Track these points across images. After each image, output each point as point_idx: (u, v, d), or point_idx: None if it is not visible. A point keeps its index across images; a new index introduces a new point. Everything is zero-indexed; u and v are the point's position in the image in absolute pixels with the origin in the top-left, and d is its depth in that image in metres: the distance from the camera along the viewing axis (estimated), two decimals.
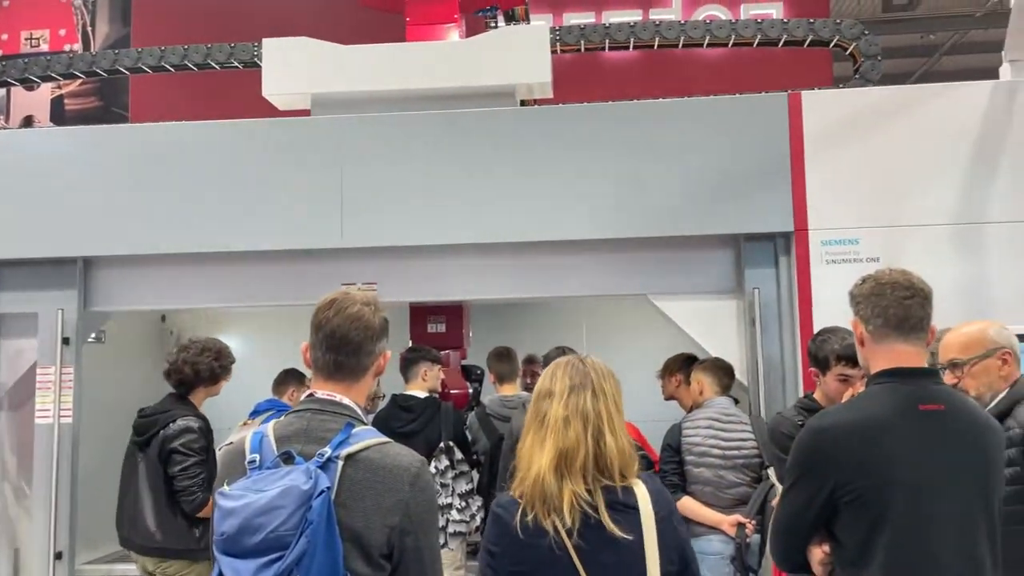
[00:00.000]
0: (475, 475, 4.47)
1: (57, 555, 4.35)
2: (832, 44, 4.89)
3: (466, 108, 4.49)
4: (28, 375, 4.60)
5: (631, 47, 4.98)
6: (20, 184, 4.57)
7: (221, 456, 2.11)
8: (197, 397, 3.96)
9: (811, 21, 4.85)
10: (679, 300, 4.42)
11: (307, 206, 4.43)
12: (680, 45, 4.96)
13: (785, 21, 4.93)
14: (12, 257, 4.58)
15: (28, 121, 11.39)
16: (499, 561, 2.03)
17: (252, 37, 5.33)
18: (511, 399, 4.53)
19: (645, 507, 1.99)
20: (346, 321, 1.99)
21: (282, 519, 1.74)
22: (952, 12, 14.56)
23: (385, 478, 1.85)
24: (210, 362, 3.92)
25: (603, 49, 5.12)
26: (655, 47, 4.95)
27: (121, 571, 4.52)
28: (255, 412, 4.00)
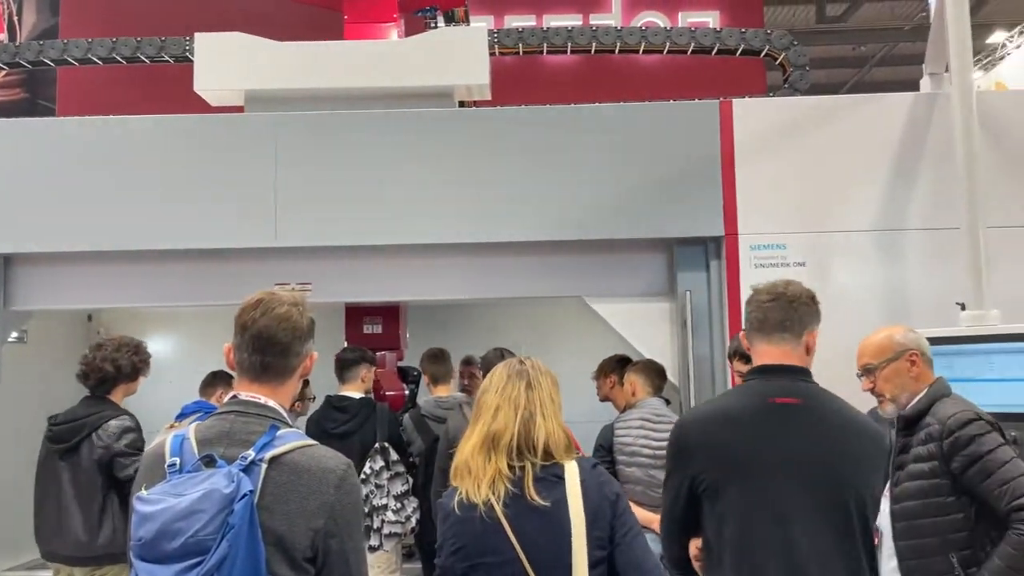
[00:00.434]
0: (410, 477, 4.45)
1: None
2: (763, 54, 5.02)
3: (404, 108, 4.48)
4: None
5: (568, 51, 5.03)
6: None
7: (141, 460, 2.06)
8: (117, 396, 3.83)
9: (743, 31, 4.98)
10: (614, 302, 4.50)
11: (240, 205, 4.36)
12: (616, 51, 5.04)
13: (718, 30, 5.06)
14: None
15: None
16: (445, 542, 2.13)
17: (186, 31, 5.22)
18: (446, 400, 4.53)
19: (572, 477, 2.09)
20: (273, 322, 1.97)
21: (202, 523, 1.70)
22: (882, 25, 15.10)
23: (310, 481, 1.84)
24: (130, 357, 3.80)
25: (541, 52, 5.16)
26: (592, 52, 5.01)
27: None
28: (182, 414, 3.90)
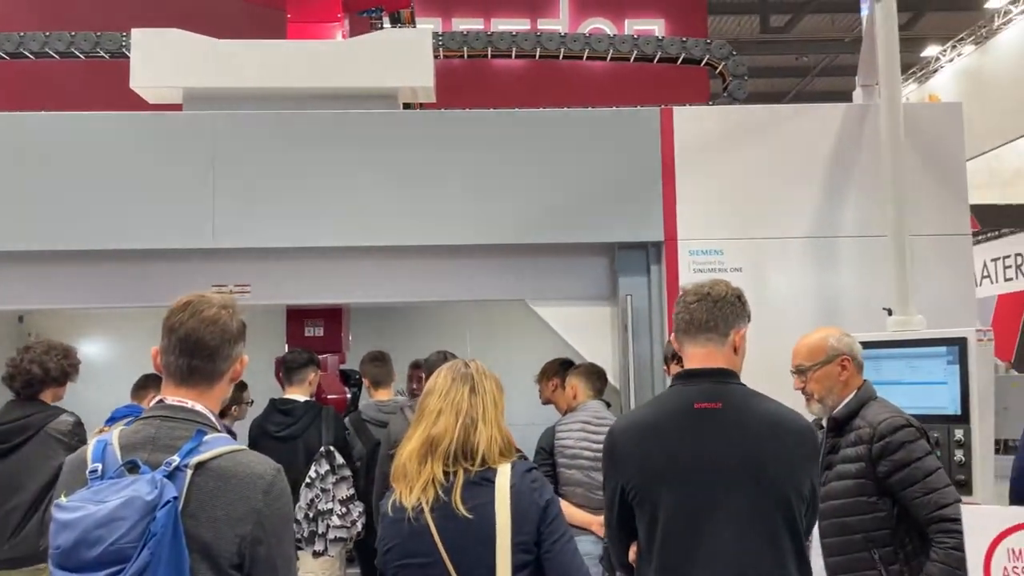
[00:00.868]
0: None
1: None
2: (703, 62, 5.12)
3: (347, 109, 4.44)
4: None
5: (513, 55, 5.06)
6: None
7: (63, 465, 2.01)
8: (45, 400, 3.73)
9: (684, 40, 5.07)
10: (556, 306, 4.53)
11: (177, 205, 4.28)
12: (561, 56, 5.08)
13: (660, 39, 5.14)
14: None
15: None
16: (380, 542, 2.18)
17: (122, 26, 5.10)
18: (387, 404, 4.50)
19: (502, 482, 2.11)
20: (201, 324, 1.94)
21: (123, 531, 1.67)
22: (824, 37, 15.53)
23: (237, 487, 1.81)
24: (59, 360, 3.70)
25: (486, 56, 5.18)
26: (536, 57, 5.04)
27: None
28: (112, 419, 3.80)
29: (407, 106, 4.92)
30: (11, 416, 3.66)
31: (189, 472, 1.78)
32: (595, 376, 4.26)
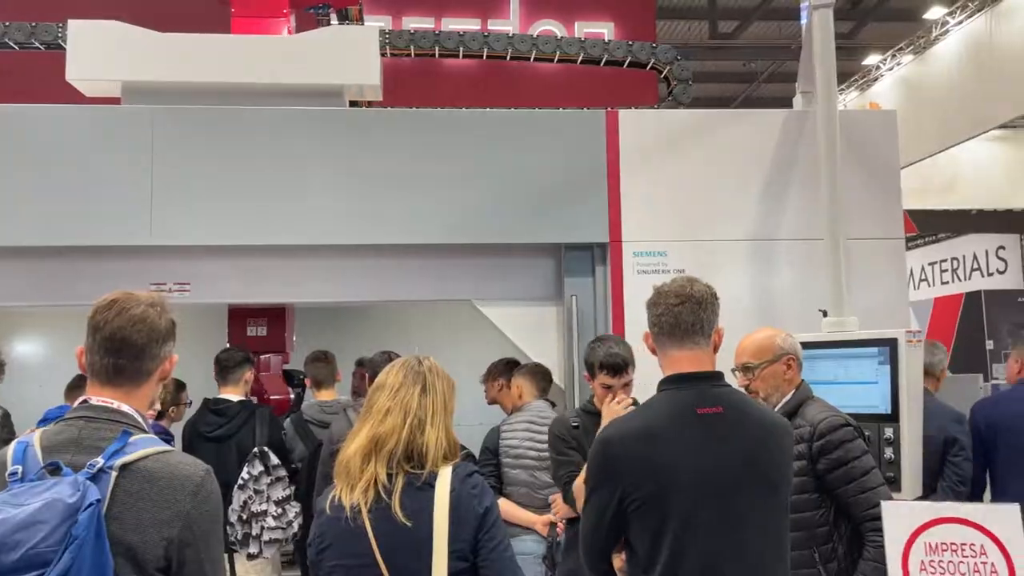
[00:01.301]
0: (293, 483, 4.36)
1: None
2: (649, 66, 5.18)
3: (291, 106, 4.39)
4: None
5: (461, 55, 5.05)
6: None
7: None
8: None
9: (630, 44, 5.12)
10: (503, 306, 4.54)
11: (114, 200, 4.18)
12: (508, 57, 5.09)
13: (607, 42, 5.19)
14: None
15: None
16: (315, 538, 2.16)
17: (58, 16, 4.96)
18: (330, 404, 4.46)
19: (442, 486, 2.09)
20: (128, 323, 1.90)
21: (43, 535, 1.63)
22: (770, 43, 15.82)
23: (164, 489, 1.78)
24: None
25: (433, 56, 5.16)
26: (484, 57, 5.04)
27: None
28: (44, 420, 3.69)
29: (354, 104, 4.87)
30: None
31: (114, 474, 1.74)
32: (540, 376, 4.28)
